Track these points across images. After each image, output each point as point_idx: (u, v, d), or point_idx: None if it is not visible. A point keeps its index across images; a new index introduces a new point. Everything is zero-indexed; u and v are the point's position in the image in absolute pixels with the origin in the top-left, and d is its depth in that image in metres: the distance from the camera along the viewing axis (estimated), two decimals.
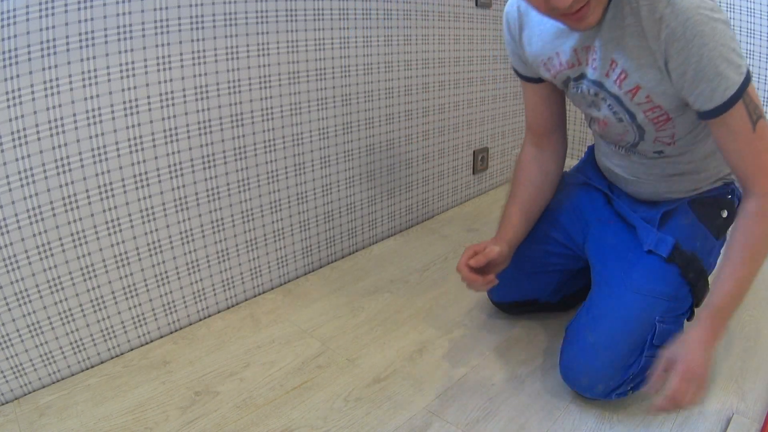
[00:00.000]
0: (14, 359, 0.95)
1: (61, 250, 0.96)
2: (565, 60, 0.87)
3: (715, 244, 0.99)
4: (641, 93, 0.81)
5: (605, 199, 1.09)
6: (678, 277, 0.93)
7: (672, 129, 0.87)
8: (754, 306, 1.26)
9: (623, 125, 0.89)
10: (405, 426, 0.92)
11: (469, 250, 0.98)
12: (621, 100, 0.84)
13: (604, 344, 0.90)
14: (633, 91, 0.81)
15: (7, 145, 0.86)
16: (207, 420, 0.92)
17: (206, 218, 1.17)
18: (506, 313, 1.23)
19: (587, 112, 0.95)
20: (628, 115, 0.86)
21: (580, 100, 0.93)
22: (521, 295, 1.16)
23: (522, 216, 1.07)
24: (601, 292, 0.98)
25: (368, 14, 1.35)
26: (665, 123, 0.85)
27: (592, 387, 0.91)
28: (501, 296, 1.19)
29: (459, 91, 1.71)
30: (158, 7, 0.98)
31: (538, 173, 1.08)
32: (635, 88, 0.81)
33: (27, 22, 0.83)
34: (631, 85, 0.81)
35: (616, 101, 0.85)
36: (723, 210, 0.99)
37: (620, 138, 0.93)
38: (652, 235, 0.96)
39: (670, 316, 0.91)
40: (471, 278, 0.96)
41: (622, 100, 0.84)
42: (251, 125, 1.19)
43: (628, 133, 0.91)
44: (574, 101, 0.96)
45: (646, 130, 0.88)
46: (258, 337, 1.15)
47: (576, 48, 0.84)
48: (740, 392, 0.98)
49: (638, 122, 0.86)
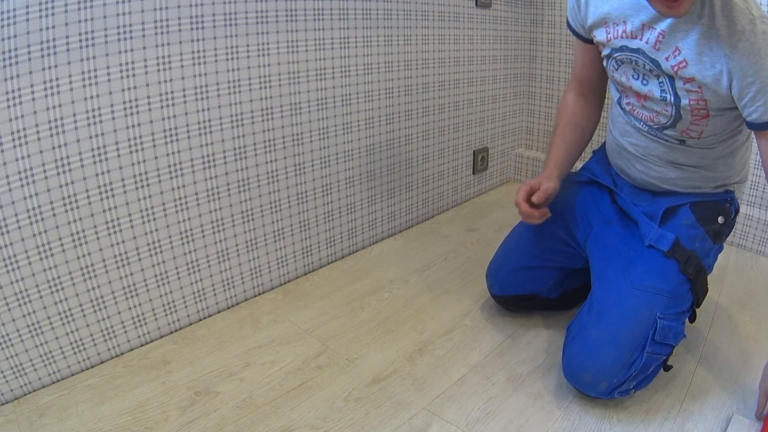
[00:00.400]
0: (14, 359, 0.95)
1: (61, 250, 0.96)
2: (630, 30, 0.90)
3: (713, 247, 1.00)
4: (695, 83, 0.85)
5: (610, 198, 1.11)
6: (678, 274, 0.94)
7: (705, 126, 0.90)
8: (754, 306, 1.26)
9: (664, 105, 0.91)
10: (405, 426, 0.92)
11: (525, 186, 1.03)
12: (674, 81, 0.87)
13: (606, 340, 0.91)
14: (689, 79, 0.85)
15: (7, 145, 0.86)
16: (207, 420, 0.92)
17: (206, 218, 1.17)
18: (506, 309, 1.24)
19: (629, 84, 0.96)
20: (674, 97, 0.89)
21: (626, 70, 0.95)
22: (522, 289, 1.17)
23: (566, 154, 1.11)
24: (602, 288, 0.99)
25: (368, 14, 1.35)
26: (703, 118, 0.89)
27: (595, 385, 0.91)
28: (501, 290, 1.19)
29: (459, 91, 1.71)
30: (158, 7, 0.98)
31: (581, 116, 1.13)
32: (691, 78, 0.85)
33: (27, 22, 0.83)
34: (688, 74, 0.85)
35: (669, 81, 0.88)
36: (720, 216, 1.01)
37: (652, 117, 0.95)
38: (653, 231, 0.98)
39: (670, 313, 0.92)
40: (530, 212, 1.02)
41: (675, 83, 0.87)
42: (251, 125, 1.19)
43: (664, 115, 0.93)
44: (615, 72, 0.98)
45: (683, 117, 0.90)
46: (258, 337, 1.15)
47: (645, 23, 0.87)
48: (740, 392, 0.98)
49: (680, 107, 0.89)
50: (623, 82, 0.97)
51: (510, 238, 1.23)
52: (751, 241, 1.55)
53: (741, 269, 1.45)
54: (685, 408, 0.95)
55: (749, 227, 1.54)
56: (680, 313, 0.94)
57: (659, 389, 0.99)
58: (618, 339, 0.90)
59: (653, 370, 0.93)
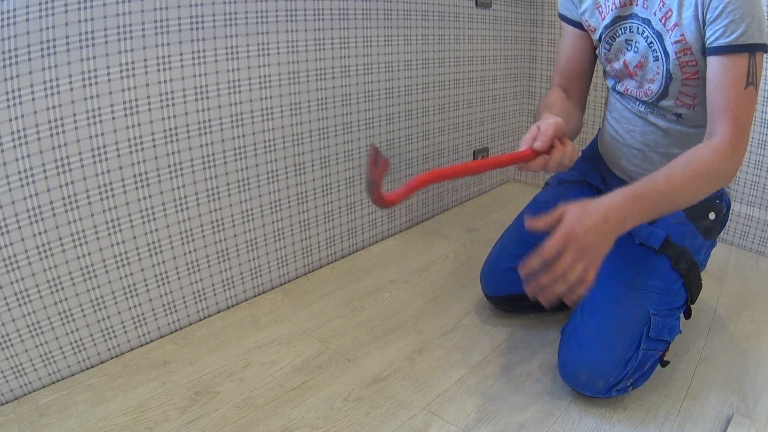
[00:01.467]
0: (14, 359, 0.95)
1: (61, 250, 0.96)
2: (619, 1, 0.93)
3: (704, 243, 1.01)
4: (677, 30, 0.87)
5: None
6: (670, 270, 0.95)
7: (696, 87, 0.91)
8: (754, 306, 1.26)
9: (657, 65, 0.92)
10: (405, 426, 0.92)
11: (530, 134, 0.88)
12: (662, 36, 0.89)
13: (600, 339, 0.91)
14: (673, 27, 0.87)
15: (7, 145, 0.86)
16: (207, 420, 0.92)
17: (206, 218, 1.17)
18: (502, 310, 1.24)
19: (623, 59, 0.98)
20: (664, 55, 0.90)
21: (620, 46, 0.97)
22: (515, 289, 1.15)
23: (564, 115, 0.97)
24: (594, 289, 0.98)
25: (368, 14, 1.35)
26: (693, 75, 0.90)
27: (592, 384, 0.91)
28: (495, 290, 1.19)
29: (459, 91, 1.71)
30: (158, 7, 0.98)
31: (564, 109, 1.05)
32: (674, 24, 0.87)
33: (27, 22, 0.83)
34: (672, 21, 0.87)
35: (657, 38, 0.90)
36: (711, 212, 1.01)
37: (646, 91, 0.96)
38: (643, 229, 0.99)
39: (664, 309, 0.92)
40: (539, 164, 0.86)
41: (663, 37, 0.89)
42: (251, 125, 1.19)
43: (656, 81, 0.94)
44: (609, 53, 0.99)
45: (674, 77, 0.91)
46: (258, 337, 1.15)
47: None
48: (740, 392, 0.98)
49: (670, 65, 0.90)
50: (616, 60, 0.99)
51: (502, 238, 1.23)
52: (751, 241, 1.55)
53: (741, 269, 1.45)
54: (685, 408, 0.95)
55: (749, 227, 1.54)
56: (674, 309, 0.94)
57: (659, 389, 0.99)
58: (612, 337, 0.90)
59: (650, 367, 0.93)
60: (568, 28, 1.08)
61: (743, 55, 0.81)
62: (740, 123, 0.82)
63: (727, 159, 0.82)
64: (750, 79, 0.81)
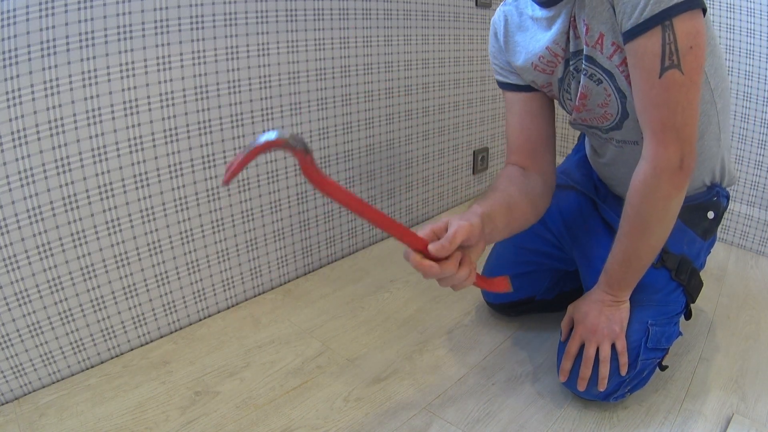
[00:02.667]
0: (14, 359, 0.95)
1: (61, 250, 0.96)
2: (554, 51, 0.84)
3: (702, 245, 0.98)
4: (606, 39, 0.75)
5: (592, 206, 1.08)
6: (668, 282, 0.93)
7: None
8: (754, 306, 1.26)
9: (603, 88, 0.81)
10: (405, 426, 0.92)
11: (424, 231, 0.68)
12: (592, 57, 0.79)
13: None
14: (599, 40, 0.76)
15: (7, 145, 0.86)
16: (207, 420, 0.92)
17: (206, 218, 1.17)
18: (504, 315, 1.23)
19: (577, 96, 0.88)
20: (605, 74, 0.79)
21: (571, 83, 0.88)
22: (518, 295, 1.15)
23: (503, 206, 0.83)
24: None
25: (368, 14, 1.35)
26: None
27: (590, 390, 0.91)
28: (496, 297, 1.19)
29: (459, 91, 1.71)
30: (158, 7, 0.98)
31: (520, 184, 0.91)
32: (599, 36, 0.76)
33: (27, 22, 0.83)
34: (595, 35, 0.76)
35: (589, 61, 0.79)
36: (709, 211, 0.97)
37: (604, 113, 0.86)
38: None
39: (662, 318, 0.91)
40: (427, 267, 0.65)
41: (594, 57, 0.79)
42: (251, 125, 1.19)
43: (611, 101, 0.83)
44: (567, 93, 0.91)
45: (626, 93, 0.80)
46: (258, 337, 1.15)
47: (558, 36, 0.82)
48: (740, 392, 0.98)
49: (616, 81, 0.80)
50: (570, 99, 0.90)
51: (498, 246, 1.20)
52: (751, 241, 1.55)
53: (741, 269, 1.45)
54: (685, 408, 0.95)
55: (749, 227, 1.54)
56: (673, 316, 0.93)
57: (659, 389, 0.99)
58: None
59: (648, 373, 0.93)
60: (512, 96, 0.96)
61: (652, 32, 0.64)
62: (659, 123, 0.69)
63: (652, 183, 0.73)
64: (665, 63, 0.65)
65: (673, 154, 0.72)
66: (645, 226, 0.79)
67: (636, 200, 0.78)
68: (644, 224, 0.79)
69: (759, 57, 1.40)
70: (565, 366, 0.91)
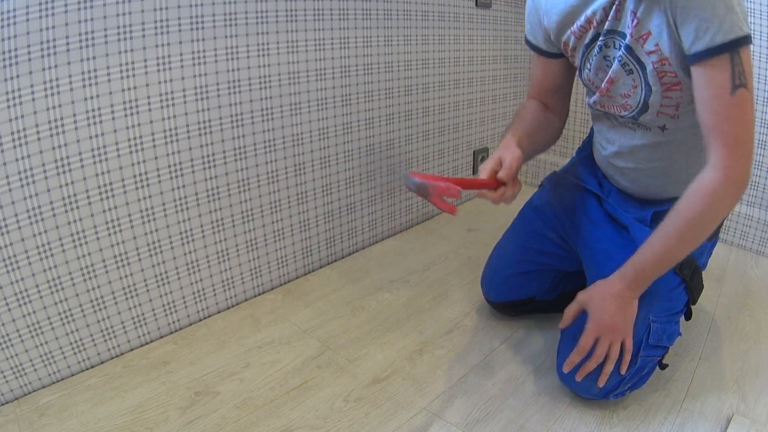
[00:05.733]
0: (14, 359, 0.95)
1: (61, 250, 0.96)
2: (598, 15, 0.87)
3: (705, 246, 0.99)
4: (651, 40, 0.81)
5: (597, 201, 1.09)
6: (672, 276, 0.94)
7: (679, 98, 0.85)
8: (754, 306, 1.26)
9: (632, 78, 0.87)
10: (405, 426, 0.92)
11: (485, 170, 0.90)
12: (632, 48, 0.83)
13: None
14: (644, 36, 0.81)
15: (7, 145, 0.86)
16: (207, 420, 0.92)
17: (206, 218, 1.17)
18: (504, 314, 1.23)
19: (595, 78, 0.93)
20: (639, 66, 0.84)
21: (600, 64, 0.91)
22: (518, 294, 1.16)
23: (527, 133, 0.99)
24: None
25: (368, 14, 1.35)
26: (674, 86, 0.84)
27: (589, 388, 0.91)
28: (498, 296, 1.19)
29: (459, 91, 1.71)
30: (158, 7, 0.97)
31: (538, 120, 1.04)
32: (647, 33, 0.81)
33: (27, 22, 0.83)
34: (642, 30, 0.81)
35: (628, 51, 0.84)
36: None
37: (625, 101, 0.91)
38: (645, 234, 0.96)
39: (663, 315, 0.92)
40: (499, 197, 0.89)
41: (633, 49, 0.83)
42: (251, 125, 1.19)
43: (636, 91, 0.88)
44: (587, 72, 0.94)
45: (653, 88, 0.85)
46: (258, 337, 1.15)
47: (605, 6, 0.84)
48: (740, 392, 0.98)
49: (647, 75, 0.84)
50: (592, 80, 0.94)
51: (502, 244, 1.21)
52: (751, 241, 1.55)
53: (741, 269, 1.45)
54: (685, 408, 0.95)
55: (749, 227, 1.54)
56: (674, 314, 0.93)
57: (659, 389, 0.99)
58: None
59: (648, 371, 0.93)
60: (538, 57, 1.05)
61: (722, 56, 0.72)
62: (732, 137, 0.75)
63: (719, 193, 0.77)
64: (736, 82, 0.73)
65: (742, 166, 0.77)
66: (698, 229, 0.81)
67: (699, 205, 0.79)
68: (699, 227, 0.81)
69: (759, 57, 1.40)
70: (574, 359, 0.90)
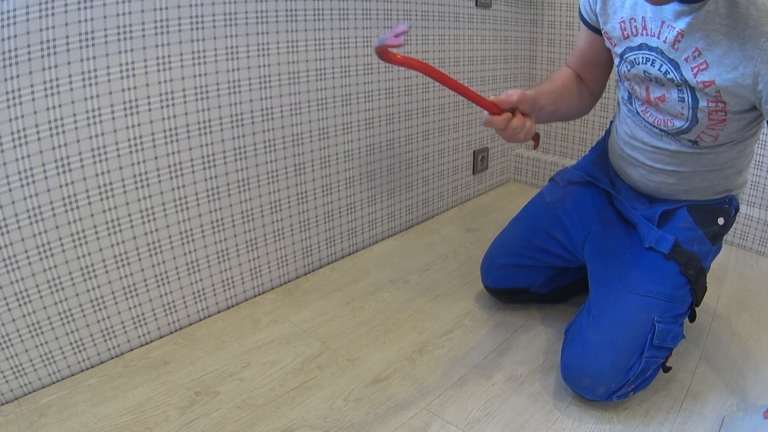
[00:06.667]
0: (14, 359, 0.95)
1: (61, 250, 0.96)
2: (650, 27, 0.85)
3: (711, 249, 0.99)
4: (713, 88, 0.81)
5: (607, 199, 1.11)
6: (678, 275, 0.94)
7: (721, 131, 0.87)
8: (754, 306, 1.26)
9: (681, 108, 0.87)
10: (405, 426, 0.92)
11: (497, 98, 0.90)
12: (691, 86, 0.83)
13: (604, 344, 0.90)
14: (707, 83, 0.81)
15: (7, 145, 0.86)
16: (207, 420, 0.92)
17: (206, 218, 1.17)
18: (500, 300, 1.26)
19: (638, 85, 0.92)
20: (692, 99, 0.85)
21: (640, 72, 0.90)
22: (513, 283, 1.20)
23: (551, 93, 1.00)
24: (600, 292, 0.98)
25: (368, 14, 1.35)
26: (720, 123, 0.86)
27: (593, 388, 0.91)
28: (493, 282, 1.22)
29: None
30: (158, 7, 0.98)
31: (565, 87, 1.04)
32: (711, 81, 0.80)
33: (27, 22, 0.83)
34: (707, 77, 0.80)
35: (685, 84, 0.84)
36: (720, 217, 1.00)
37: (666, 121, 0.92)
38: (653, 233, 0.97)
39: (668, 316, 0.92)
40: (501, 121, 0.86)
41: (693, 87, 0.83)
42: (251, 125, 1.19)
43: (680, 118, 0.89)
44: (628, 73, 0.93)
45: (700, 120, 0.86)
46: (258, 337, 1.15)
47: (664, 21, 0.83)
48: (740, 392, 0.98)
49: (699, 109, 0.85)
50: (633, 84, 0.94)
51: (504, 232, 1.24)
52: (751, 241, 1.55)
53: (741, 269, 1.45)
54: (685, 408, 0.95)
55: (749, 227, 1.54)
56: (678, 315, 0.93)
57: (659, 389, 0.99)
58: (616, 344, 0.90)
59: (652, 373, 0.93)
60: (586, 30, 1.03)
61: None
62: None
63: None
64: None
65: None
66: None
67: None
68: None
69: None
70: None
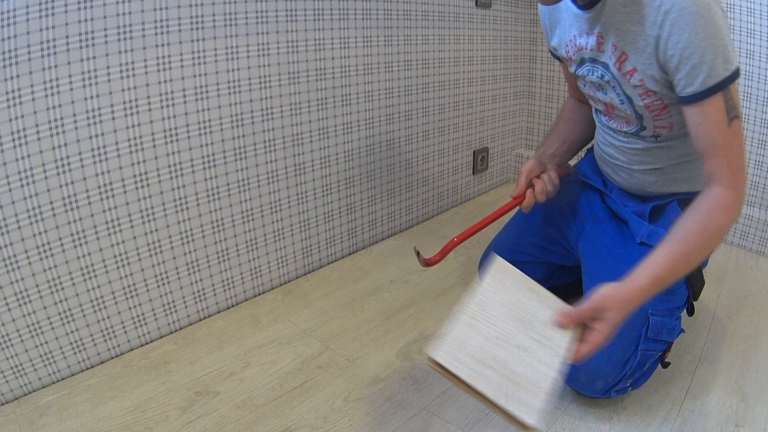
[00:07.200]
0: (14, 359, 0.95)
1: (61, 250, 0.96)
2: (579, 42, 0.92)
3: None
4: (636, 76, 0.85)
5: (600, 198, 1.12)
6: None
7: (669, 119, 0.89)
8: (754, 306, 1.26)
9: (625, 107, 0.92)
10: (405, 426, 0.92)
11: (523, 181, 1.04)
12: (620, 82, 0.88)
13: None
14: (630, 72, 0.85)
15: (7, 145, 0.86)
16: (207, 420, 0.92)
17: (206, 218, 1.17)
18: None
19: (595, 96, 0.98)
20: (627, 98, 0.89)
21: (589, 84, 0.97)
22: None
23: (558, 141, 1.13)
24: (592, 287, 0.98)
25: (368, 14, 1.35)
26: (661, 111, 0.88)
27: (590, 384, 0.91)
28: None
29: (459, 91, 1.71)
30: (158, 7, 0.98)
31: (581, 114, 1.15)
32: (632, 69, 0.84)
33: (27, 22, 0.83)
34: (629, 66, 0.85)
35: (619, 84, 0.89)
36: None
37: (622, 125, 0.97)
38: (643, 228, 0.98)
39: (662, 309, 0.92)
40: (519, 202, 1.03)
41: (621, 83, 0.88)
42: (251, 125, 1.19)
43: (629, 121, 0.94)
44: (584, 86, 1.00)
45: (644, 116, 0.90)
46: (258, 337, 1.15)
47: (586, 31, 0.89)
48: (740, 392, 0.98)
49: (636, 108, 0.89)
50: (592, 96, 0.99)
51: (501, 231, 1.25)
52: (751, 241, 1.55)
53: (741, 269, 1.45)
54: (685, 408, 0.95)
55: (749, 227, 1.54)
56: (674, 309, 0.94)
57: (659, 389, 0.99)
58: None
59: (649, 367, 0.93)
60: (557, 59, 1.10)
61: (716, 95, 0.77)
62: (735, 163, 0.80)
63: (734, 207, 0.80)
64: (730, 115, 0.78)
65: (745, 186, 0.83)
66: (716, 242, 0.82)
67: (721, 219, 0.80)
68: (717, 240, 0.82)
69: (759, 57, 1.40)
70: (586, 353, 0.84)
